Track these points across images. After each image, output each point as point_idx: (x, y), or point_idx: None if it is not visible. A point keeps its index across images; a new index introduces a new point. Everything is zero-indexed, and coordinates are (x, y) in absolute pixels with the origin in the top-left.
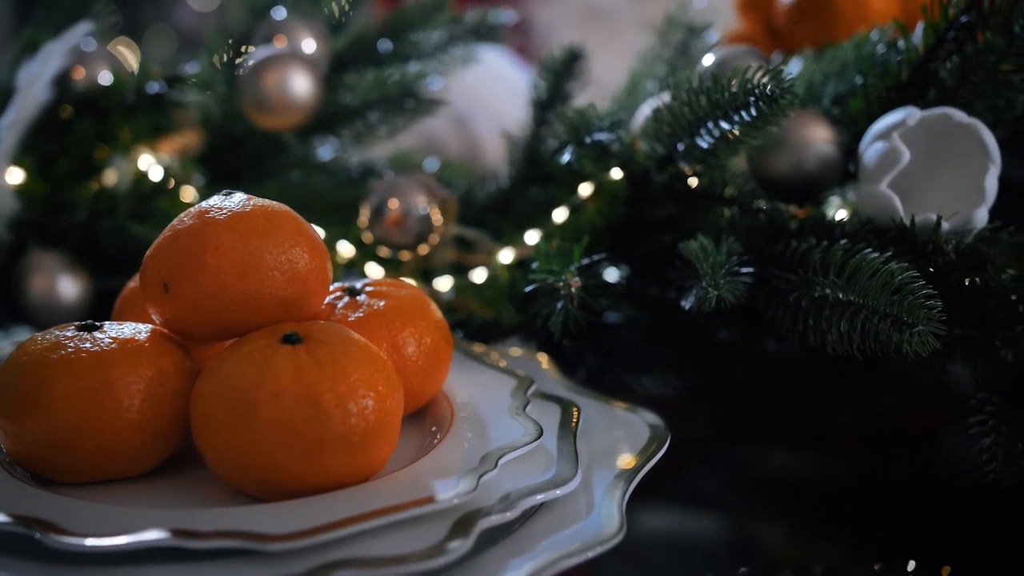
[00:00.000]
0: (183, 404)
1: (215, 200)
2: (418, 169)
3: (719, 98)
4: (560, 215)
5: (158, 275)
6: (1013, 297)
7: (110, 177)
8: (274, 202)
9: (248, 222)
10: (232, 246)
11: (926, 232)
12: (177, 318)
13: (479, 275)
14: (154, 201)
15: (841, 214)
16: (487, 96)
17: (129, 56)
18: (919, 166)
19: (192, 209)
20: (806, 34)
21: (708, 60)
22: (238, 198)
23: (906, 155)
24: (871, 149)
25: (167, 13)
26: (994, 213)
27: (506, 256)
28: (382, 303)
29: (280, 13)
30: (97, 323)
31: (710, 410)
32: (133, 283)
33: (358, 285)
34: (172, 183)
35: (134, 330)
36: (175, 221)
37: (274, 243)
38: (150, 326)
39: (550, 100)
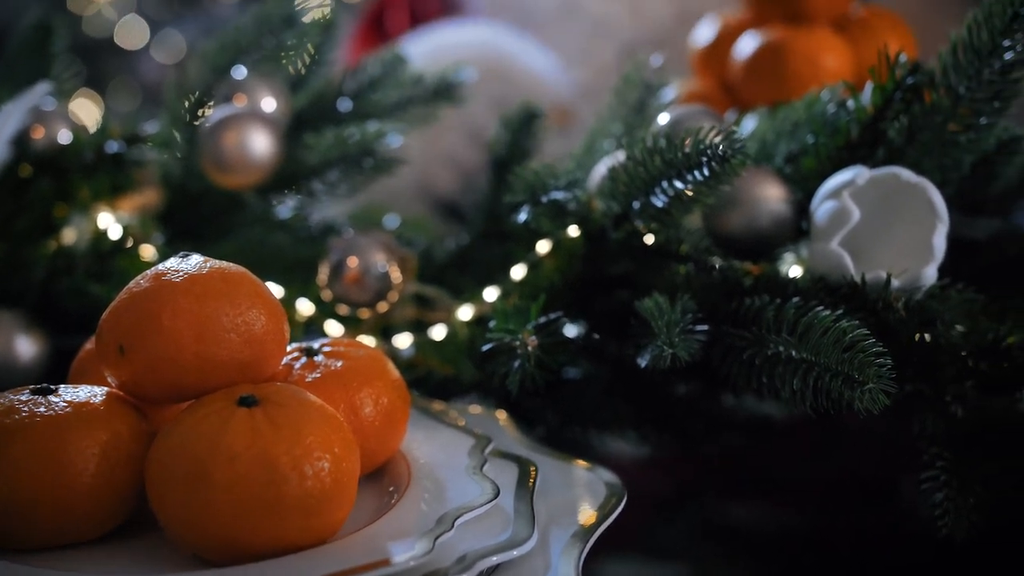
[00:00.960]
0: (139, 468)
1: (172, 262)
2: (378, 227)
3: (673, 158)
4: (518, 272)
5: (114, 338)
6: (963, 353)
7: (69, 236)
8: (231, 264)
9: (204, 284)
10: (188, 309)
11: (877, 289)
12: (133, 381)
13: (438, 332)
14: (113, 260)
15: (795, 271)
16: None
17: (92, 109)
18: (869, 224)
19: (148, 271)
20: (760, 92)
21: (663, 119)
22: (195, 260)
23: (856, 214)
24: (822, 208)
25: (131, 65)
26: (944, 269)
27: (465, 313)
28: (339, 363)
29: (240, 72)
30: (52, 386)
31: (669, 465)
32: (90, 344)
33: (315, 345)
34: (131, 242)
35: (89, 393)
36: (131, 284)
37: (231, 305)
38: (106, 389)
39: (508, 158)
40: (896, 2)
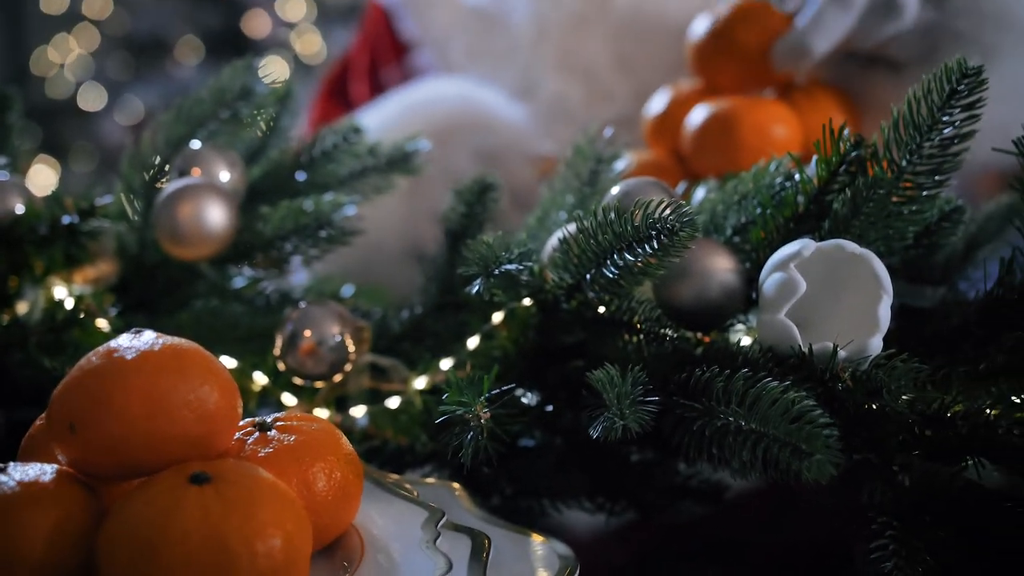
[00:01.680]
0: (89, 547)
1: (124, 339)
2: (333, 297)
3: (623, 231)
4: (473, 342)
5: (64, 416)
6: (909, 422)
7: (21, 307)
8: (184, 340)
9: (156, 362)
10: (140, 387)
11: (824, 360)
12: (84, 459)
13: (393, 402)
14: (66, 333)
15: (745, 341)
16: (488, 156)
17: (49, 175)
18: (816, 295)
19: (100, 348)
20: (711, 162)
21: (614, 191)
22: (147, 337)
23: (802, 285)
24: (770, 279)
25: (91, 129)
26: (890, 338)
27: (420, 383)
28: (292, 438)
29: (196, 143)
30: (1, 464)
31: (624, 534)
32: (41, 420)
33: (268, 419)
34: (85, 314)
35: (39, 471)
36: (83, 361)
37: (183, 382)
38: (56, 467)
39: (463, 229)
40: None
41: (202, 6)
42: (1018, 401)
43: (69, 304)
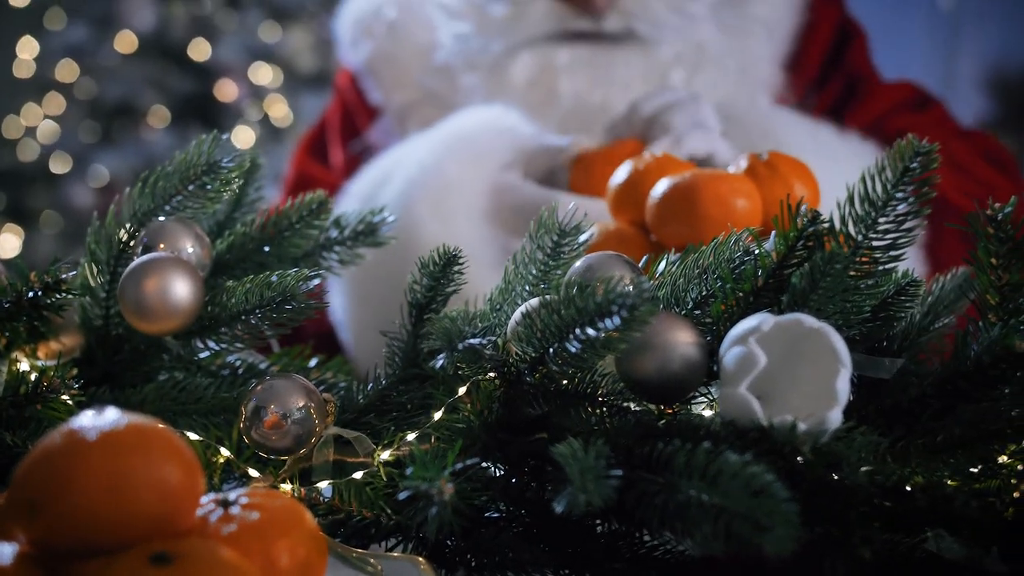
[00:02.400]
0: None
1: (86, 418)
2: (299, 369)
3: (585, 306)
4: (437, 415)
5: (25, 495)
6: (869, 494)
7: None
8: (147, 418)
9: (118, 442)
10: (102, 467)
11: (784, 433)
12: (44, 539)
13: (358, 475)
14: (29, 407)
15: (707, 413)
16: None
17: (14, 242)
18: (776, 369)
19: (63, 428)
20: (674, 232)
21: (577, 265)
22: (110, 416)
23: (762, 360)
24: (730, 353)
25: (59, 193)
26: (850, 410)
27: (385, 456)
28: (255, 515)
29: (162, 218)
30: None
31: None
32: (1, 499)
33: (231, 496)
34: (48, 388)
35: None
36: (45, 439)
37: (145, 462)
38: (16, 546)
39: (428, 302)
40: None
41: (171, 71)
42: (975, 472)
43: (32, 378)
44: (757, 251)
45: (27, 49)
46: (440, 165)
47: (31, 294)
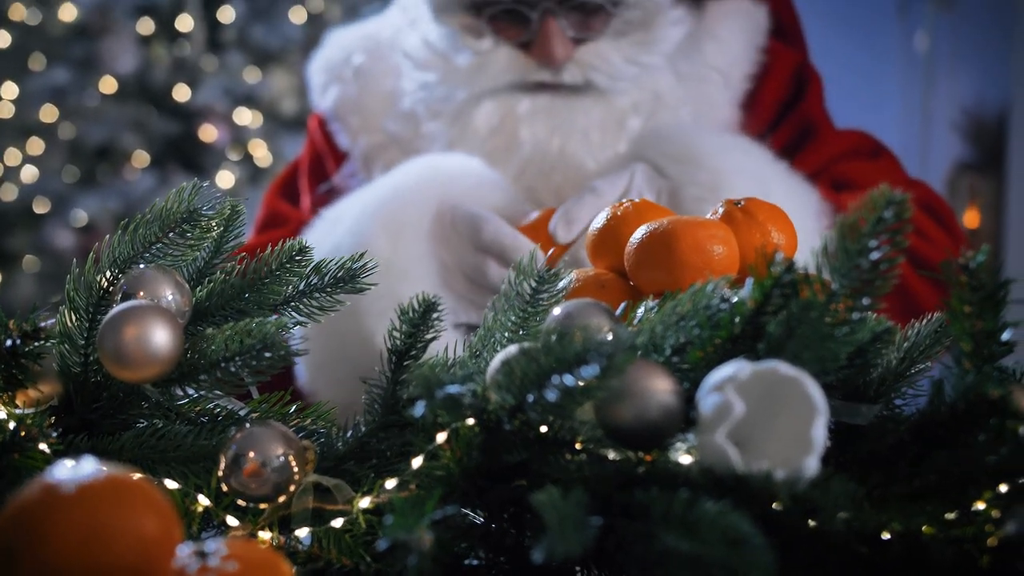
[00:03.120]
0: None
1: (63, 471)
2: (278, 416)
3: (563, 355)
4: (417, 462)
5: (2, 547)
6: (846, 542)
7: None
8: (125, 470)
9: (96, 493)
10: (78, 521)
11: (761, 481)
12: None
13: (338, 523)
14: (7, 457)
15: (685, 459)
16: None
17: None
18: (753, 417)
19: (39, 481)
20: (652, 278)
21: (556, 313)
22: (87, 468)
23: (739, 408)
24: (707, 401)
25: (40, 237)
26: (828, 457)
27: (365, 503)
28: (233, 566)
29: (141, 265)
30: None
31: None
32: None
33: (209, 547)
34: (26, 437)
35: None
36: (21, 493)
37: (122, 516)
38: None
39: (407, 349)
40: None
41: (153, 113)
42: (951, 519)
43: (9, 427)
44: (734, 299)
45: (8, 91)
46: (395, 194)
47: (9, 342)
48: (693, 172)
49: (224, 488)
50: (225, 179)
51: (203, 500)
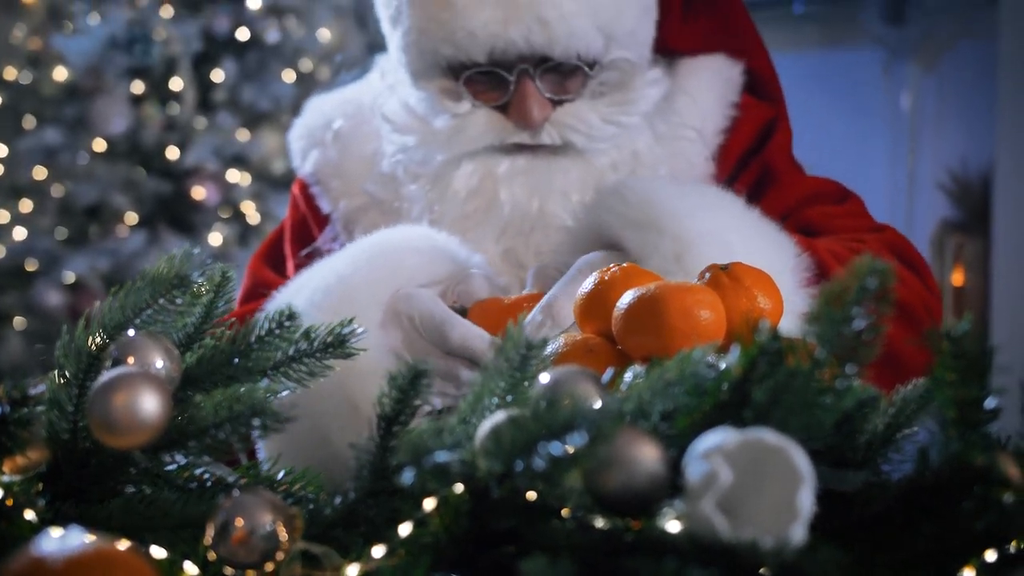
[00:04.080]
0: None
1: (50, 543)
2: (267, 482)
3: (551, 423)
4: (405, 529)
5: None
6: None
7: None
8: (112, 541)
9: (83, 566)
10: None
11: (749, 549)
12: None
13: None
14: None
15: (673, 527)
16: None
17: None
18: (740, 485)
19: (25, 552)
20: (640, 343)
21: (544, 380)
22: (73, 539)
23: (725, 476)
24: (694, 469)
25: (29, 295)
26: (815, 524)
27: (353, 571)
28: None
29: (132, 332)
30: None
31: None
32: None
33: None
34: (13, 505)
35: None
36: (9, 563)
37: None
38: None
39: (396, 415)
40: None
41: (144, 173)
42: None
43: None
44: (721, 365)
45: None
46: (339, 281)
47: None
48: (656, 240)
49: (212, 556)
50: (215, 238)
51: (191, 568)
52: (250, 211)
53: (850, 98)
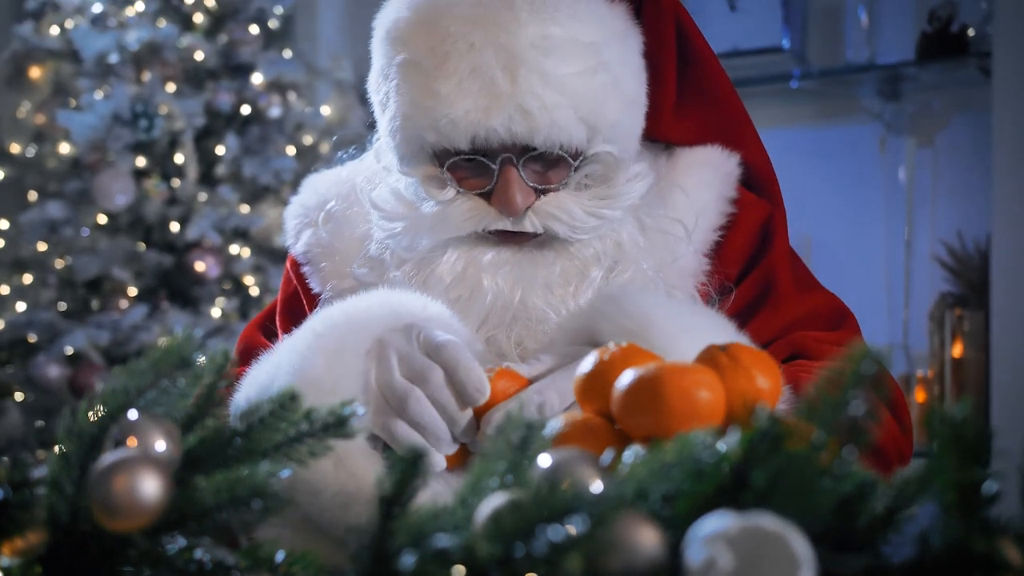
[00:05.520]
0: None
1: None
2: (265, 563)
3: (551, 506)
4: None
5: None
6: None
7: None
8: None
9: None
10: None
11: None
12: None
13: None
14: None
15: None
16: None
17: None
18: (740, 570)
19: None
20: (639, 423)
21: (544, 463)
22: None
23: (725, 561)
24: (694, 554)
25: (29, 368)
26: None
27: None
28: None
29: (133, 414)
30: None
31: None
32: None
33: None
34: None
35: None
36: None
37: None
38: None
39: (396, 496)
40: None
41: (143, 245)
42: None
43: None
44: (721, 448)
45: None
46: (345, 319)
47: (1, 493)
48: None
49: None
50: (216, 311)
51: None
52: (251, 284)
53: (848, 172)
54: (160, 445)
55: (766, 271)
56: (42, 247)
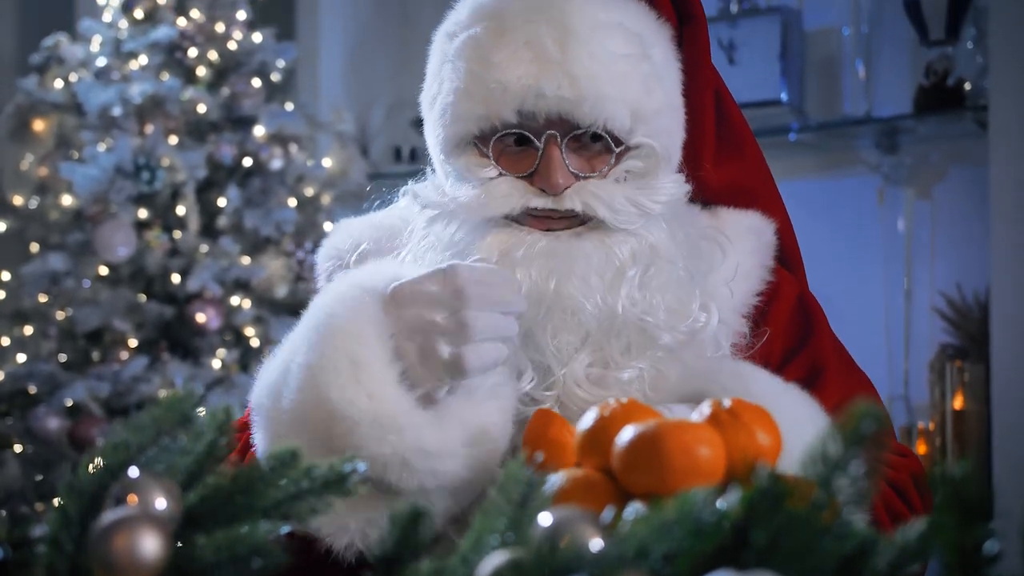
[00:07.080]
0: None
1: None
2: None
3: (553, 565)
4: None
5: None
6: None
7: None
8: None
9: None
10: None
11: None
12: None
13: None
14: None
15: None
16: None
17: None
18: None
19: None
20: (639, 480)
21: (544, 523)
22: None
23: None
24: None
25: (28, 420)
26: None
27: None
28: None
29: (134, 471)
30: None
31: None
32: None
33: None
34: None
35: None
36: None
37: None
38: None
39: (397, 556)
40: None
41: (144, 297)
42: None
43: None
44: (721, 506)
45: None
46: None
47: (1, 553)
48: None
49: None
50: (217, 363)
51: None
52: (252, 335)
53: (847, 224)
54: (160, 503)
55: (814, 352)
56: (43, 299)
